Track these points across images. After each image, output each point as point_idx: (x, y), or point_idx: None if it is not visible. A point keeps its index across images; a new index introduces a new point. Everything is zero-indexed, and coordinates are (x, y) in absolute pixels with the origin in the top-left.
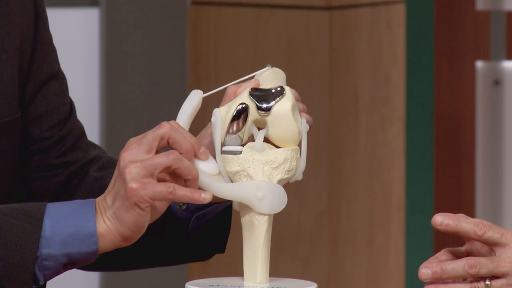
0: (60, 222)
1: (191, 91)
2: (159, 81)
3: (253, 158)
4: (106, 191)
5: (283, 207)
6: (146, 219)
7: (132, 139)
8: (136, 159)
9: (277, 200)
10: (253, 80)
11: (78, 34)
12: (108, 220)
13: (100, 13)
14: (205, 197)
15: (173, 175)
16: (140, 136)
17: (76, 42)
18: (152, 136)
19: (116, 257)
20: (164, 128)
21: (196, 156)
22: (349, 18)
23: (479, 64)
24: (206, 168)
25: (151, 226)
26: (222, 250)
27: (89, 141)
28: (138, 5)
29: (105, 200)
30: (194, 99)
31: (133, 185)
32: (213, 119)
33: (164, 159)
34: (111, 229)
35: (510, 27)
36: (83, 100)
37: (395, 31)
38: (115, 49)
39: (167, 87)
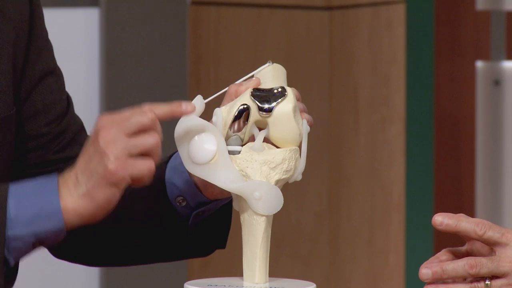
0: (24, 202)
1: (191, 91)
2: (159, 81)
3: (252, 158)
4: (77, 167)
5: (279, 209)
6: (118, 198)
7: (108, 117)
8: (116, 140)
9: (273, 202)
10: (253, 79)
11: (78, 34)
12: (79, 197)
13: (100, 13)
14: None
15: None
16: (119, 116)
17: (76, 42)
18: (137, 122)
19: (117, 253)
20: (147, 118)
21: (183, 114)
22: (349, 18)
23: (479, 64)
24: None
25: (151, 222)
26: (223, 245)
27: (88, 136)
28: (138, 5)
29: (77, 177)
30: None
31: (112, 166)
32: (214, 118)
33: (146, 142)
34: (80, 205)
35: (510, 27)
36: (83, 99)
37: (395, 31)
38: (115, 49)
39: (167, 87)
